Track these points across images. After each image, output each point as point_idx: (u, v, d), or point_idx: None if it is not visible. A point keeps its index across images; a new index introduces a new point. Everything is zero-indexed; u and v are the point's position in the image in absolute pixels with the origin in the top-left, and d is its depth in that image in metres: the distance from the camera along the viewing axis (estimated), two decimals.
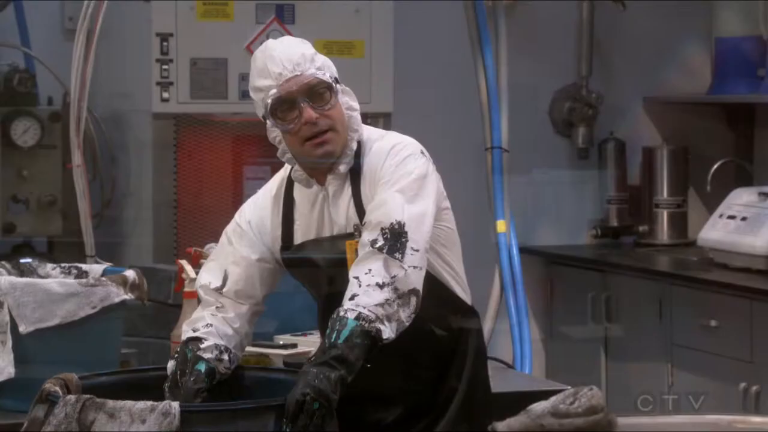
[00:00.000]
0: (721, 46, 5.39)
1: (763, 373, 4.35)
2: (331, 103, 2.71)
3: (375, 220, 2.65)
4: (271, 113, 2.70)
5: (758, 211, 4.69)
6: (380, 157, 2.72)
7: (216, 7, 4.38)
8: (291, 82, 2.69)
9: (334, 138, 2.71)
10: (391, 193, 2.67)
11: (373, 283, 2.58)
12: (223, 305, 2.78)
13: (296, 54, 2.71)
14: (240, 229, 2.82)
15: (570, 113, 5.51)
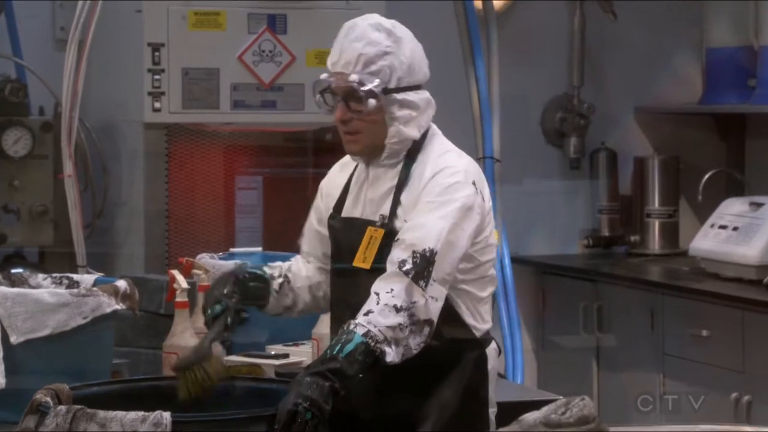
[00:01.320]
0: (711, 56, 5.40)
1: (755, 383, 4.35)
2: (368, 110, 2.70)
3: (409, 240, 2.63)
4: (319, 92, 2.75)
5: (749, 221, 4.70)
6: (431, 171, 2.71)
7: (208, 17, 4.38)
8: (338, 77, 2.72)
9: (362, 140, 2.74)
10: (432, 217, 2.64)
11: (391, 303, 2.57)
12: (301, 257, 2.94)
13: (354, 52, 2.70)
14: (317, 198, 2.91)
15: (561, 123, 5.52)
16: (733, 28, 5.26)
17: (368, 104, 2.69)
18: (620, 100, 5.58)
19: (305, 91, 4.48)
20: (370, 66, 2.70)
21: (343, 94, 2.71)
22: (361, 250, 2.70)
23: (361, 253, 2.70)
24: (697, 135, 5.59)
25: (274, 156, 4.64)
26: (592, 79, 5.54)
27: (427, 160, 2.74)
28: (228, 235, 4.47)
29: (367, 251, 2.70)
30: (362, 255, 2.70)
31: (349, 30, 2.74)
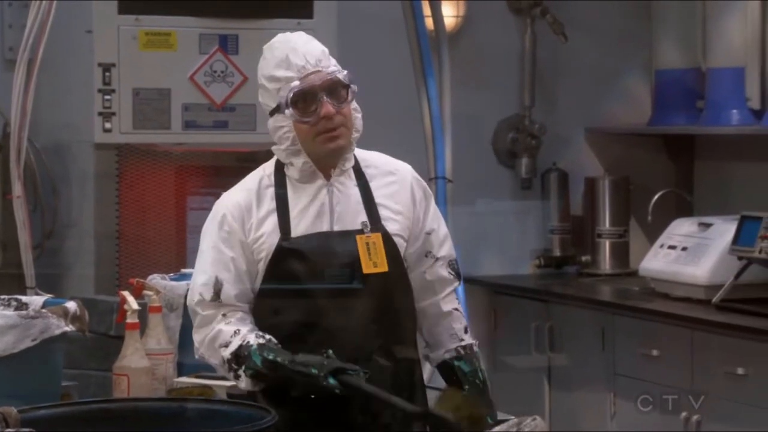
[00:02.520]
0: (660, 78, 5.45)
1: (704, 403, 4.38)
2: (347, 102, 2.79)
3: (447, 255, 2.90)
4: (292, 103, 2.75)
5: (698, 242, 4.74)
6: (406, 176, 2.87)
7: (159, 37, 4.37)
8: (313, 77, 2.76)
9: (345, 134, 2.79)
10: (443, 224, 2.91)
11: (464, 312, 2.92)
12: (226, 312, 2.77)
13: (318, 50, 2.79)
14: (224, 233, 2.80)
15: (513, 144, 5.54)
16: (682, 50, 5.32)
17: (351, 92, 2.79)
18: (571, 121, 5.62)
19: (257, 111, 4.48)
20: (332, 60, 2.81)
21: (326, 90, 2.76)
22: (364, 259, 2.75)
23: (367, 260, 2.75)
24: (646, 156, 5.64)
25: (226, 176, 4.61)
26: (544, 99, 5.58)
27: (366, 157, 2.87)
28: (179, 256, 4.45)
29: (373, 257, 2.76)
30: (370, 261, 2.76)
31: (293, 41, 2.79)
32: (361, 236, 2.77)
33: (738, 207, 4.83)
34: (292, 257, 2.76)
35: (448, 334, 2.89)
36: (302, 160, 2.79)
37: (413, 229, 2.86)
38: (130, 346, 3.06)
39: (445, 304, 2.89)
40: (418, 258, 2.88)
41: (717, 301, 4.54)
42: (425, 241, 2.88)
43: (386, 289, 2.80)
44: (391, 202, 2.84)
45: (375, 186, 2.84)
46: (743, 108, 5.04)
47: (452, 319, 2.90)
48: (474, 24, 5.44)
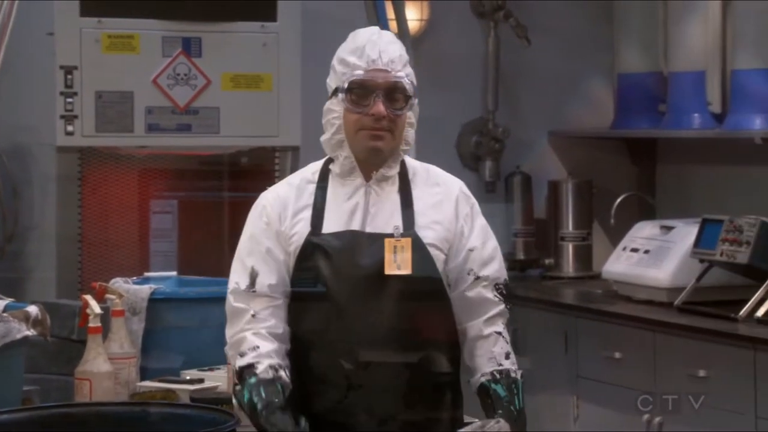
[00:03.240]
0: (623, 82, 5.49)
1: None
2: (402, 111, 2.79)
3: (492, 275, 2.84)
4: (347, 90, 2.76)
5: (660, 244, 4.77)
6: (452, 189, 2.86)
7: (121, 40, 4.35)
8: (378, 74, 2.77)
9: (388, 139, 2.78)
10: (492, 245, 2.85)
11: (509, 338, 2.85)
12: (256, 313, 2.75)
13: (395, 52, 2.80)
14: (262, 224, 2.81)
15: (477, 147, 5.56)
16: (644, 54, 5.35)
17: (410, 102, 2.80)
18: (534, 125, 5.64)
19: (220, 114, 4.47)
20: (406, 67, 2.81)
21: (385, 91, 2.76)
22: (389, 260, 2.72)
23: (391, 261, 2.73)
24: (609, 159, 5.67)
25: (189, 180, 4.61)
26: (507, 103, 5.59)
27: (416, 167, 2.87)
28: (142, 260, 4.43)
29: (398, 259, 2.73)
30: (393, 263, 2.73)
31: (377, 35, 2.81)
32: (390, 239, 2.74)
33: (699, 210, 4.87)
34: (318, 252, 2.76)
35: (487, 357, 2.82)
36: (345, 154, 2.79)
37: (455, 243, 2.81)
38: (93, 350, 3.05)
39: (487, 326, 2.82)
40: (459, 275, 2.82)
41: (679, 303, 4.56)
42: (467, 258, 2.82)
43: (410, 295, 2.76)
44: (431, 211, 2.81)
45: (418, 194, 2.82)
46: (704, 112, 5.08)
47: (492, 343, 2.82)
48: (437, 27, 5.45)
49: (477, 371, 2.82)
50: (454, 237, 2.81)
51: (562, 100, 5.65)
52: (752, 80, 4.83)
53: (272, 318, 2.76)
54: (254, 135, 4.52)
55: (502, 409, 2.78)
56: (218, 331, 3.23)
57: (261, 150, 4.55)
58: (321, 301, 2.75)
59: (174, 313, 3.29)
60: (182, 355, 3.25)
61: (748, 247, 4.35)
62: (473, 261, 2.82)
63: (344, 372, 2.72)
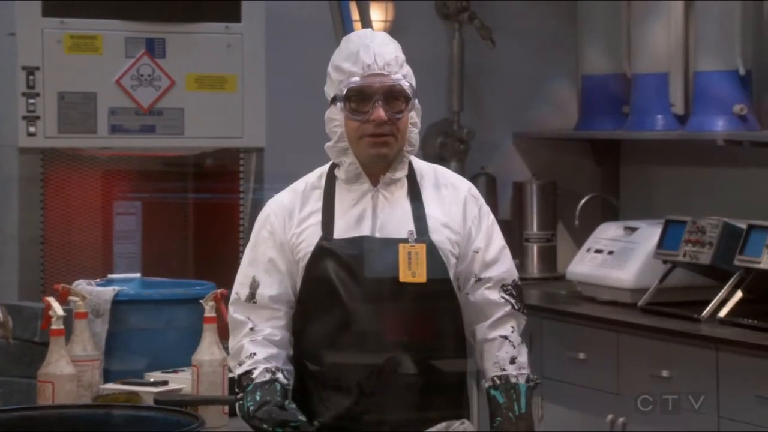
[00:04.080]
0: (587, 84, 5.51)
1: (630, 405, 4.42)
2: (403, 113, 2.76)
3: (497, 276, 2.79)
4: (345, 98, 2.72)
5: (624, 245, 4.79)
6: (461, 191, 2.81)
7: (84, 40, 4.33)
8: (375, 78, 2.73)
9: (392, 143, 2.75)
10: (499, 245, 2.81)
11: (519, 341, 2.80)
12: (255, 325, 2.73)
13: (390, 54, 2.76)
14: (265, 233, 2.77)
15: (442, 148, 5.57)
16: (607, 56, 5.37)
17: (411, 104, 2.77)
18: (499, 126, 5.65)
19: (185, 116, 4.45)
20: (403, 68, 2.79)
21: (384, 95, 2.72)
22: (403, 267, 2.68)
23: (406, 269, 2.69)
24: (573, 160, 5.69)
25: (154, 181, 4.59)
26: (472, 104, 5.60)
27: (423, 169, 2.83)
28: (106, 261, 4.41)
29: (413, 266, 2.70)
30: (408, 271, 2.69)
31: (370, 38, 2.78)
32: (404, 245, 2.70)
33: (663, 211, 4.89)
34: (330, 258, 2.71)
35: (492, 362, 2.80)
36: (349, 161, 2.76)
37: (464, 246, 2.78)
38: (55, 352, 3.03)
39: (493, 330, 2.79)
40: (466, 277, 2.79)
41: (642, 304, 4.59)
42: (472, 259, 2.79)
43: (424, 302, 2.72)
44: (440, 214, 2.77)
45: (427, 197, 2.78)
46: (667, 113, 5.11)
47: (497, 347, 2.79)
48: (402, 29, 5.45)
49: (484, 376, 2.82)
50: (463, 240, 2.78)
51: (526, 101, 5.66)
52: (714, 82, 4.86)
53: (271, 328, 2.73)
54: (219, 136, 4.51)
55: (501, 415, 2.76)
56: (182, 333, 3.23)
57: (226, 151, 4.54)
58: (333, 308, 2.71)
59: (138, 315, 3.28)
60: (146, 357, 3.23)
61: (710, 248, 4.38)
62: (476, 262, 2.79)
63: (356, 379, 2.69)
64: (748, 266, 4.23)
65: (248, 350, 2.71)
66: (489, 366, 2.80)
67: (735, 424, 4.03)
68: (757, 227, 4.23)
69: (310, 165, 4.54)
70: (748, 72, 4.82)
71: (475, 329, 2.81)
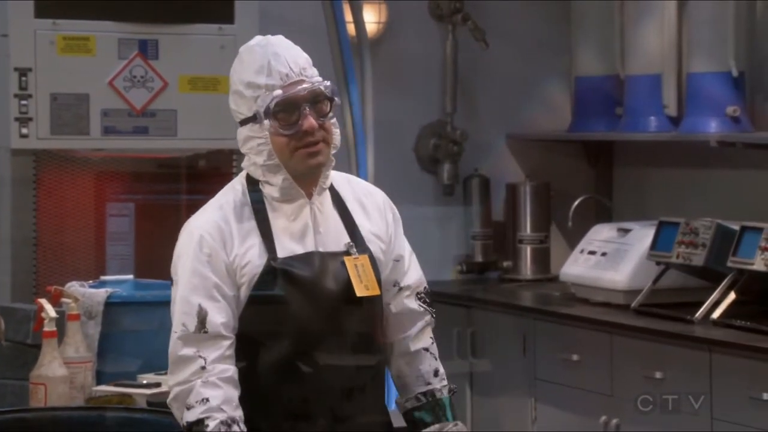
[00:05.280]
0: (580, 85, 5.51)
1: (623, 407, 4.43)
2: (330, 116, 2.62)
3: (414, 284, 2.72)
4: (272, 113, 2.56)
5: (617, 247, 4.79)
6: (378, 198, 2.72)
7: (77, 42, 4.32)
8: (297, 86, 2.58)
9: (325, 150, 2.61)
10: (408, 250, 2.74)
11: (436, 351, 2.72)
12: (206, 360, 2.50)
13: (302, 57, 2.62)
14: (203, 256, 2.54)
15: (435, 150, 5.57)
16: (600, 58, 5.37)
17: (331, 107, 2.61)
18: (493, 127, 5.65)
19: (178, 117, 4.45)
20: (314, 68, 2.64)
21: (310, 102, 2.57)
22: (356, 281, 2.57)
23: (359, 282, 2.58)
24: (567, 162, 5.69)
25: (147, 182, 4.59)
26: (465, 106, 5.60)
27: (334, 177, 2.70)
28: (99, 263, 4.40)
29: (365, 280, 2.59)
30: (362, 284, 2.58)
31: (275, 45, 2.61)
32: (349, 258, 2.59)
33: (656, 212, 4.90)
34: (281, 279, 2.55)
35: (414, 376, 2.68)
36: (281, 177, 2.58)
37: (387, 254, 2.68)
38: (48, 354, 3.02)
39: (415, 342, 2.69)
40: (386, 288, 2.67)
41: (636, 305, 4.59)
42: (393, 268, 2.69)
43: (378, 314, 2.64)
44: (368, 224, 2.67)
45: (351, 207, 2.67)
46: (660, 114, 5.11)
47: (420, 360, 2.69)
48: (395, 30, 5.46)
49: (404, 392, 2.70)
50: (386, 248, 2.68)
51: (519, 102, 5.66)
52: (707, 83, 4.87)
53: (221, 363, 2.52)
54: (212, 137, 4.50)
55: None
56: None
57: (218, 152, 4.54)
58: (289, 332, 2.54)
59: (131, 316, 3.27)
60: (139, 359, 3.22)
61: (703, 249, 4.38)
62: (398, 271, 2.69)
63: (329, 404, 2.56)
64: (741, 268, 4.23)
65: (200, 394, 2.49)
66: (411, 381, 2.69)
67: (728, 425, 4.03)
68: (750, 229, 4.23)
69: None
70: (741, 73, 4.82)
71: (394, 341, 2.69)
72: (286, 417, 2.56)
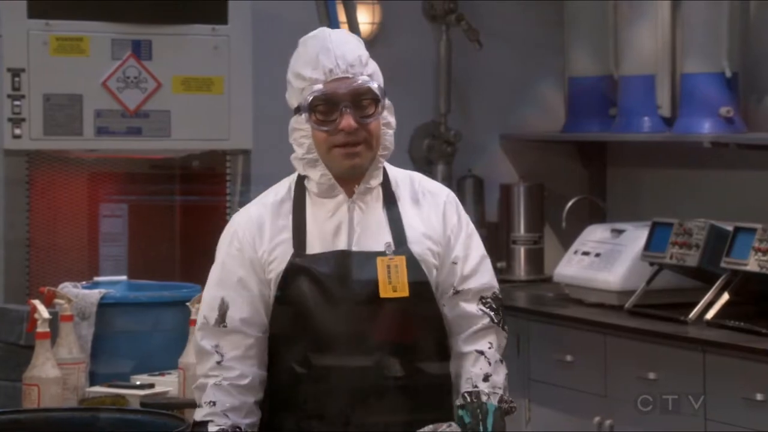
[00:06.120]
0: (573, 86, 5.51)
1: (617, 407, 4.43)
2: (373, 117, 2.57)
3: (477, 288, 2.63)
4: (309, 108, 2.54)
5: (611, 247, 4.79)
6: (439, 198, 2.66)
7: (70, 42, 4.32)
8: (340, 83, 2.54)
9: (365, 152, 2.57)
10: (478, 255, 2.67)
11: (497, 358, 2.61)
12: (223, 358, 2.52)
13: (353, 54, 2.57)
14: (233, 250, 2.55)
15: (429, 151, 5.57)
16: (594, 58, 5.38)
17: (381, 107, 2.57)
18: (486, 128, 5.65)
19: (171, 118, 4.44)
20: (368, 66, 2.59)
21: (351, 100, 2.53)
22: (383, 282, 2.51)
23: (386, 284, 2.51)
24: (560, 162, 5.69)
25: (140, 183, 4.58)
26: (459, 106, 5.61)
27: (398, 176, 2.66)
28: (92, 264, 4.40)
29: (393, 280, 2.52)
30: (388, 285, 2.52)
31: (328, 39, 2.58)
32: (382, 258, 2.52)
33: (650, 213, 4.90)
34: (304, 277, 2.52)
35: (465, 378, 2.61)
36: (320, 173, 2.56)
37: (443, 256, 2.62)
38: (41, 355, 3.01)
39: (467, 343, 2.60)
40: (444, 290, 2.62)
41: (629, 306, 4.59)
42: (450, 271, 2.62)
43: (407, 318, 2.56)
44: (420, 224, 2.61)
45: (404, 206, 2.61)
46: (654, 115, 5.11)
47: (472, 362, 2.61)
48: (389, 31, 5.46)
49: (456, 392, 2.66)
50: (443, 249, 2.62)
51: (513, 103, 5.67)
52: (701, 84, 4.87)
53: (240, 364, 2.53)
54: (205, 138, 4.50)
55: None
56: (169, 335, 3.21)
57: (212, 153, 4.54)
58: (309, 332, 2.52)
59: (124, 317, 3.27)
60: (132, 360, 3.22)
61: (697, 250, 4.38)
62: (455, 274, 2.63)
63: (341, 407, 2.53)
64: (735, 268, 4.24)
65: (210, 396, 2.52)
66: (461, 381, 2.62)
67: (722, 425, 4.03)
68: (743, 229, 4.24)
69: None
70: (734, 74, 4.83)
71: (452, 342, 2.64)
72: (302, 418, 2.54)
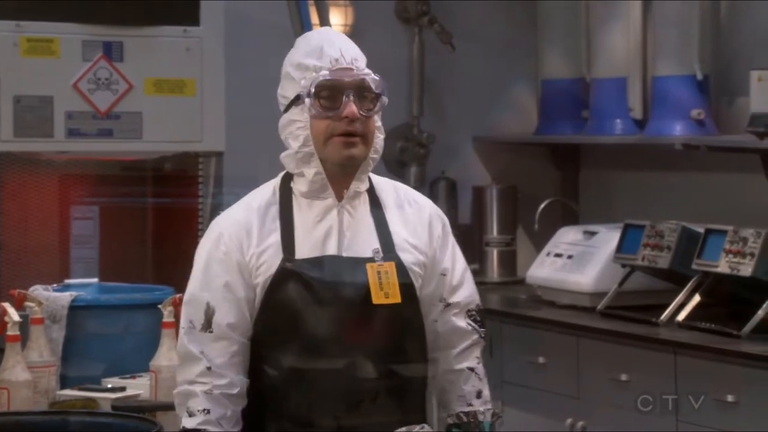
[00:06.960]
0: (546, 88, 5.53)
1: (589, 409, 4.44)
2: (373, 111, 2.58)
3: (464, 301, 2.64)
4: (314, 94, 2.53)
5: (583, 249, 4.81)
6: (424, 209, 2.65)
7: (41, 43, 4.29)
8: (345, 72, 2.56)
9: (361, 146, 2.56)
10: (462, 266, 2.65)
11: (483, 372, 2.65)
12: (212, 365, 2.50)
13: (355, 49, 2.62)
14: (219, 254, 2.53)
15: (402, 153, 5.57)
16: (567, 61, 5.40)
17: (380, 103, 2.58)
18: (459, 130, 5.66)
19: (143, 119, 4.42)
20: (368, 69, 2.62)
21: (355, 90, 2.54)
22: (375, 288, 2.50)
23: (378, 290, 2.51)
24: (533, 164, 5.71)
25: (111, 185, 4.56)
26: (432, 108, 5.61)
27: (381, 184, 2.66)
28: (63, 266, 4.37)
29: (385, 287, 2.51)
30: (381, 292, 2.51)
31: (331, 34, 2.64)
32: (372, 264, 2.51)
33: (622, 215, 4.92)
34: (294, 282, 2.51)
35: (457, 395, 2.64)
36: (314, 170, 2.55)
37: (430, 267, 2.60)
38: (11, 358, 3.00)
39: (459, 360, 2.63)
40: (431, 303, 2.61)
41: (601, 308, 4.60)
42: (439, 283, 2.62)
43: (397, 325, 2.55)
44: (405, 232, 2.59)
45: (390, 215, 2.60)
46: (626, 118, 5.14)
47: (463, 380, 2.64)
48: (362, 33, 5.45)
49: (445, 409, 2.66)
50: (429, 261, 2.61)
51: (486, 105, 5.68)
52: (673, 87, 4.90)
53: (229, 371, 2.51)
54: (177, 140, 4.48)
55: None
56: (141, 338, 3.20)
57: (184, 155, 4.52)
58: (299, 337, 2.51)
59: (95, 320, 3.26)
60: (104, 362, 3.21)
61: (669, 252, 4.40)
62: (444, 286, 2.63)
63: (333, 414, 2.51)
64: (706, 270, 4.25)
65: (202, 403, 2.49)
66: (453, 399, 2.64)
67: (693, 427, 4.05)
68: (714, 231, 4.26)
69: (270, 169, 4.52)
70: (705, 77, 4.85)
71: (439, 357, 2.65)
72: (293, 423, 2.52)
